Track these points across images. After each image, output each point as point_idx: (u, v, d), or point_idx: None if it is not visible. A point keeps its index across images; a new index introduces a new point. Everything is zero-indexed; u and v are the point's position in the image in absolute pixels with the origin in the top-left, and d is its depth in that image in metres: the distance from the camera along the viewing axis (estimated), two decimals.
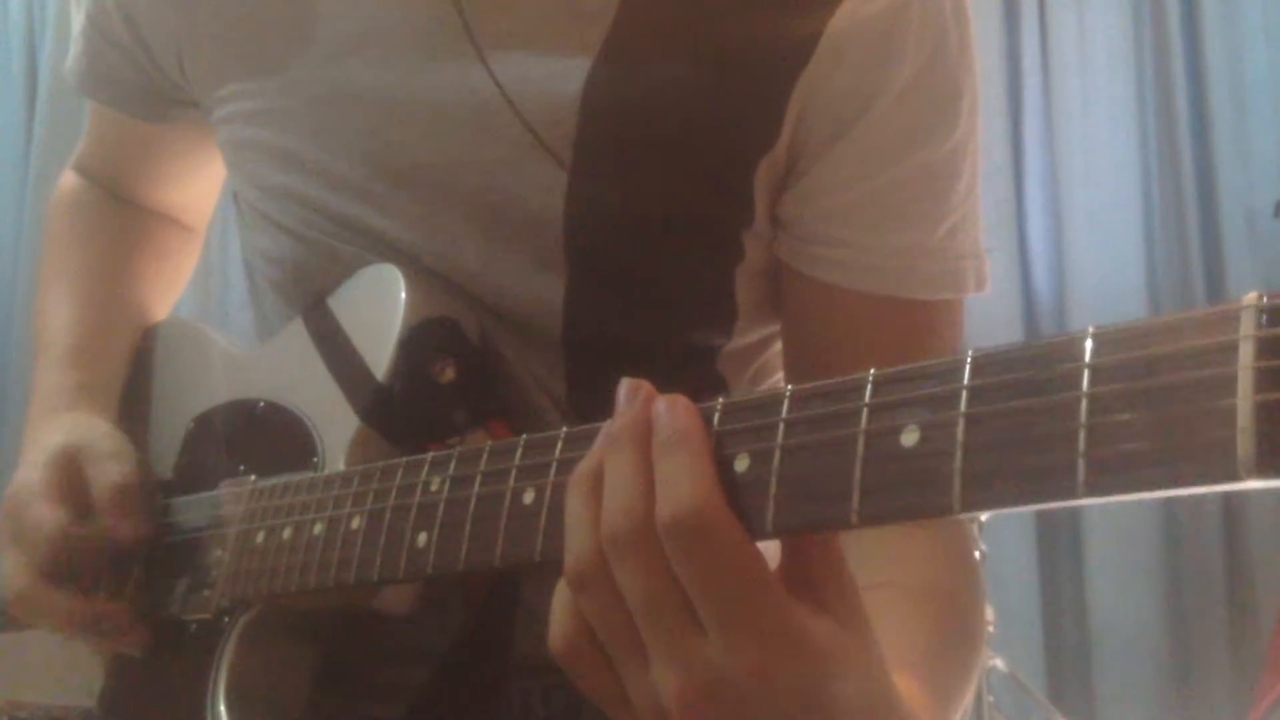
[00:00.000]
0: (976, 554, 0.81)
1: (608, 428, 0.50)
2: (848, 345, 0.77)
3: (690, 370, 0.82)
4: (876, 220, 0.76)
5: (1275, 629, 2.89)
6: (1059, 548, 3.53)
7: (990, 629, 2.83)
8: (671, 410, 0.49)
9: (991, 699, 2.81)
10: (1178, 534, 3.40)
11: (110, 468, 0.80)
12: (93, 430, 0.84)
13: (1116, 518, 3.39)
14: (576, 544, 0.50)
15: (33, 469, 0.81)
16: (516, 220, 0.77)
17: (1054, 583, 3.51)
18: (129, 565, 0.81)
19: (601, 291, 0.78)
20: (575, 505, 0.50)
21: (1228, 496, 3.36)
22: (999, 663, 2.85)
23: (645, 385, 0.51)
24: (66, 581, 0.78)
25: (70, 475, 0.81)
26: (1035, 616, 3.44)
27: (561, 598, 0.51)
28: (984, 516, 2.91)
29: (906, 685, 0.57)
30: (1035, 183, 3.63)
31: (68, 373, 0.91)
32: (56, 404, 0.88)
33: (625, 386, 0.51)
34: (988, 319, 3.19)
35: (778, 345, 0.87)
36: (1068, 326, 3.39)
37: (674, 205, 0.76)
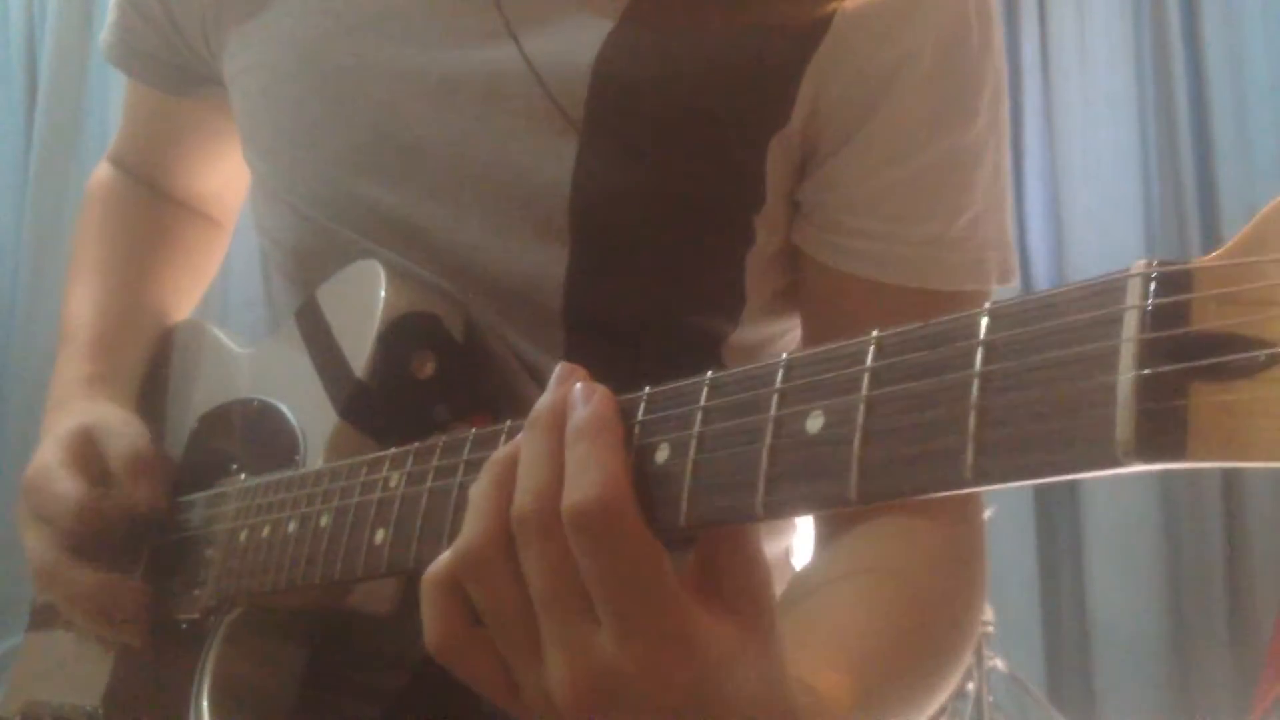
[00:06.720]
0: (986, 558, 0.80)
1: (531, 412, 0.50)
2: None
3: (693, 357, 0.81)
4: (899, 210, 0.76)
5: (1275, 629, 2.89)
6: (1059, 548, 3.53)
7: (990, 629, 2.82)
8: (587, 397, 0.48)
9: (991, 699, 2.81)
10: (1178, 534, 3.40)
11: (124, 438, 0.83)
12: (106, 411, 0.87)
13: (1116, 516, 3.40)
14: (477, 526, 0.49)
15: (51, 449, 0.83)
16: (522, 192, 0.77)
17: (1054, 583, 3.51)
18: (144, 540, 0.82)
19: (605, 265, 0.78)
20: (483, 486, 0.50)
21: (1229, 496, 3.36)
22: (999, 663, 2.85)
23: (578, 370, 0.50)
24: (89, 554, 0.79)
25: (87, 450, 0.83)
26: (1035, 616, 3.44)
27: (436, 590, 0.50)
28: (986, 513, 2.90)
29: (832, 684, 0.56)
30: (1035, 182, 3.63)
31: (85, 365, 0.93)
32: (72, 394, 0.91)
33: (557, 370, 0.50)
34: None
35: (786, 341, 0.87)
36: None
37: (681, 179, 0.76)
